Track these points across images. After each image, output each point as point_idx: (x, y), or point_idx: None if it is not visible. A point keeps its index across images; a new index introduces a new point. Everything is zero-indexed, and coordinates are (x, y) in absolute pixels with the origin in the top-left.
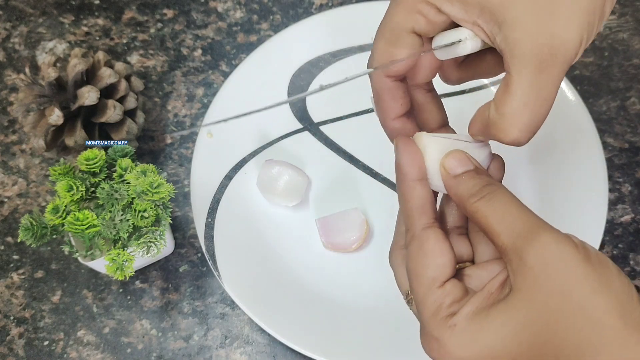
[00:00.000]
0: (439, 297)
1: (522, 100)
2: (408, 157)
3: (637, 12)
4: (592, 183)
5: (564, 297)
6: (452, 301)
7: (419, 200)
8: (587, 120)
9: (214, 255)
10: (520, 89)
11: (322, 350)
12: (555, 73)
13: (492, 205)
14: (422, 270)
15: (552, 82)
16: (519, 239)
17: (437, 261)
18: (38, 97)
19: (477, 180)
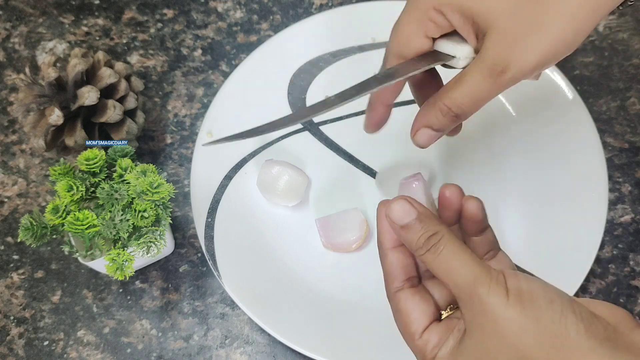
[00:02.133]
0: (422, 347)
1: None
2: (383, 227)
3: (637, 12)
4: (592, 183)
5: (499, 339)
6: (433, 346)
7: (390, 266)
8: (587, 120)
9: (214, 255)
10: (470, 80)
11: (322, 350)
12: (500, 83)
13: (437, 259)
14: (403, 328)
15: (493, 88)
16: (462, 291)
17: (411, 317)
18: (38, 97)
19: (422, 231)
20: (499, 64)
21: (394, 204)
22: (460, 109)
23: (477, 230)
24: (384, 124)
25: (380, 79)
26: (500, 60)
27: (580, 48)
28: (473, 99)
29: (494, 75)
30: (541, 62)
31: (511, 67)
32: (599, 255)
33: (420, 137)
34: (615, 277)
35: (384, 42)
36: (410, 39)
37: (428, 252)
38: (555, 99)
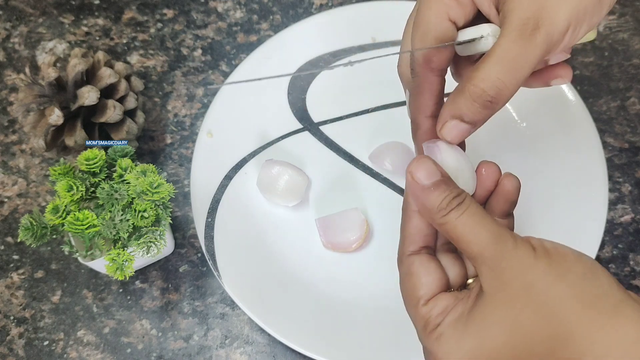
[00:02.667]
0: (425, 313)
1: (497, 59)
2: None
3: (637, 12)
4: (592, 183)
5: (527, 294)
6: (438, 314)
7: (413, 229)
8: (587, 120)
9: (214, 255)
10: (500, 49)
11: (322, 350)
12: (535, 44)
13: (460, 219)
14: (410, 292)
15: (529, 52)
16: (485, 249)
17: (421, 281)
18: (38, 97)
19: (445, 193)
20: (528, 22)
21: (420, 163)
22: (496, 87)
23: (505, 212)
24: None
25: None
26: (529, 18)
27: (580, 48)
28: (510, 70)
29: (526, 36)
30: (573, 16)
31: (544, 22)
32: (599, 255)
33: (448, 131)
34: (616, 277)
35: (384, 42)
36: (433, 22)
37: (452, 212)
38: (555, 99)
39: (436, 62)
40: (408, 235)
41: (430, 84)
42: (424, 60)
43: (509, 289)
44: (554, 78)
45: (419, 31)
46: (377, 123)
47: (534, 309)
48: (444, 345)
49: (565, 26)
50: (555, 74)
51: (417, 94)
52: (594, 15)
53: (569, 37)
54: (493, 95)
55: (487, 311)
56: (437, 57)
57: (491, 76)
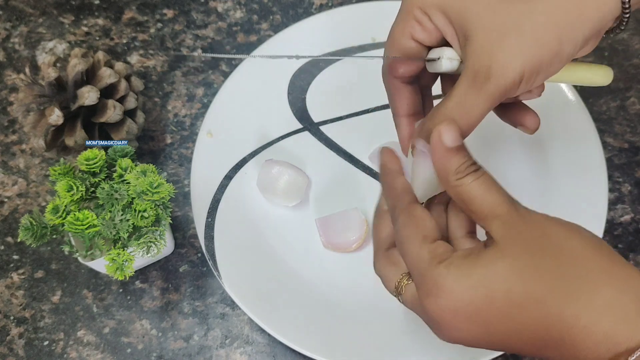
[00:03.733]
0: (432, 249)
1: (452, 103)
2: (389, 157)
3: (637, 12)
4: (592, 183)
5: (544, 241)
6: (445, 250)
7: (403, 185)
8: (587, 120)
9: (214, 255)
10: (457, 93)
11: (322, 350)
12: (485, 91)
13: (476, 181)
14: (414, 232)
15: (479, 98)
16: (498, 207)
17: (427, 224)
18: (38, 97)
19: (465, 159)
20: (481, 70)
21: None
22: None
23: None
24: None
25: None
26: (481, 66)
27: None
28: (462, 114)
29: (479, 83)
30: (526, 68)
31: (493, 73)
32: None
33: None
34: None
35: (384, 42)
36: (397, 39)
37: (468, 176)
38: (555, 99)
39: (400, 73)
40: (402, 189)
41: (397, 89)
42: (388, 69)
43: (524, 237)
44: (519, 124)
45: (387, 45)
46: (377, 123)
47: (551, 253)
48: (455, 272)
49: (517, 78)
50: (521, 121)
51: (389, 97)
52: (551, 66)
53: (524, 86)
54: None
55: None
56: (402, 69)
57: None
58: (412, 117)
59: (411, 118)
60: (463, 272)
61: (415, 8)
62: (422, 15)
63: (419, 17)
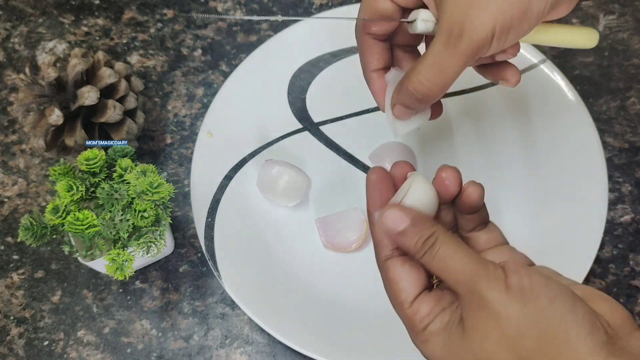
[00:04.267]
0: (411, 316)
1: (427, 62)
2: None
3: (637, 12)
4: (592, 183)
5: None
6: (423, 316)
7: (379, 234)
8: (587, 120)
9: (214, 255)
10: (431, 53)
11: (322, 350)
12: (458, 49)
13: (434, 259)
14: (392, 296)
15: (453, 56)
16: (460, 287)
17: (399, 286)
18: (38, 97)
19: (417, 236)
20: (454, 28)
21: (387, 213)
22: (425, 87)
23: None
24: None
25: None
26: (455, 24)
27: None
28: (436, 73)
29: (452, 42)
30: (498, 24)
31: (466, 30)
32: (599, 255)
33: (397, 111)
34: (615, 277)
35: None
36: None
37: (425, 255)
38: (555, 99)
39: (373, 31)
40: (377, 241)
41: (368, 46)
42: (362, 27)
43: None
44: (500, 78)
45: (362, 4)
46: (377, 123)
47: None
48: (430, 350)
49: (489, 34)
50: (502, 75)
51: (360, 53)
52: (521, 24)
53: (497, 44)
54: (423, 95)
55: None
56: (375, 27)
57: (421, 78)
58: (382, 72)
59: (381, 72)
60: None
61: None
62: None
63: None
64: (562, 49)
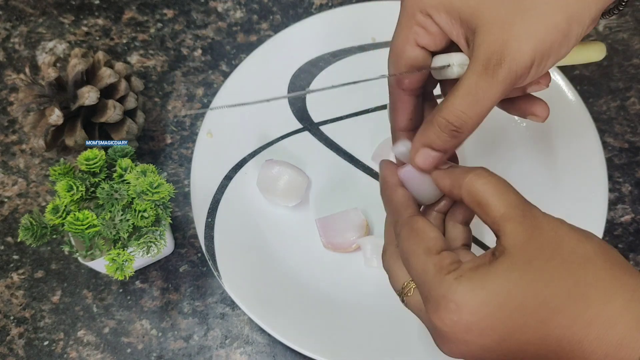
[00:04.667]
0: (439, 261)
1: (462, 92)
2: (389, 171)
3: (637, 12)
4: (592, 183)
5: (557, 246)
6: (451, 262)
7: (402, 197)
8: (587, 120)
9: (214, 255)
10: (465, 82)
11: (322, 350)
12: (497, 80)
13: (487, 181)
14: (418, 245)
15: (491, 87)
16: (514, 209)
17: (430, 235)
18: (38, 97)
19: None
20: (492, 57)
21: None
22: (460, 119)
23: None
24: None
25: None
26: (493, 53)
27: None
28: (473, 103)
29: (490, 71)
30: (537, 51)
31: (506, 58)
32: None
33: (420, 158)
34: None
35: (384, 42)
36: (402, 48)
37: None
38: (555, 99)
39: (407, 84)
40: (402, 203)
41: (402, 102)
42: (395, 82)
43: (537, 244)
44: (529, 114)
45: (391, 56)
46: (377, 123)
47: (563, 261)
48: (465, 285)
49: (529, 62)
50: (531, 110)
51: (392, 110)
52: (561, 48)
53: (535, 71)
54: (458, 126)
55: (514, 263)
56: (408, 80)
57: (455, 109)
58: (411, 133)
59: (410, 134)
60: (475, 284)
61: (417, 12)
62: (424, 19)
63: (422, 20)
64: None
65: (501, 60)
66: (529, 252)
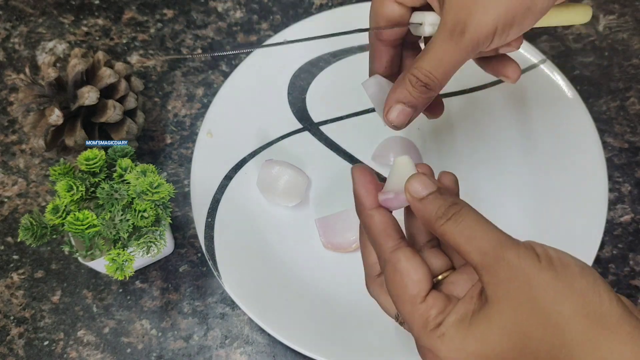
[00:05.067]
0: (424, 312)
1: (430, 55)
2: (363, 188)
3: (637, 12)
4: (592, 183)
5: (532, 306)
6: (437, 313)
7: (381, 225)
8: (587, 120)
9: (214, 255)
10: (432, 46)
11: (322, 350)
12: (460, 47)
13: (458, 227)
14: (402, 291)
15: (455, 52)
16: (486, 257)
17: (413, 278)
18: (38, 97)
19: (441, 202)
20: (458, 24)
21: (415, 176)
22: (428, 77)
23: None
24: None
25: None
26: (458, 21)
27: (580, 48)
28: (439, 64)
29: (455, 37)
30: (500, 22)
31: (469, 27)
32: (599, 255)
33: (393, 113)
34: (615, 277)
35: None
36: (381, 3)
37: (449, 220)
38: (555, 99)
39: (385, 37)
40: (381, 231)
41: (380, 52)
42: (375, 34)
43: (512, 299)
44: (501, 74)
45: (371, 11)
46: (377, 123)
47: (539, 320)
48: (448, 344)
49: (490, 31)
50: (503, 71)
51: (371, 57)
52: (524, 19)
53: (498, 40)
54: (427, 82)
55: (492, 316)
56: (385, 33)
57: (424, 67)
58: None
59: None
60: (456, 344)
61: None
62: None
63: None
64: (561, 48)
65: (464, 28)
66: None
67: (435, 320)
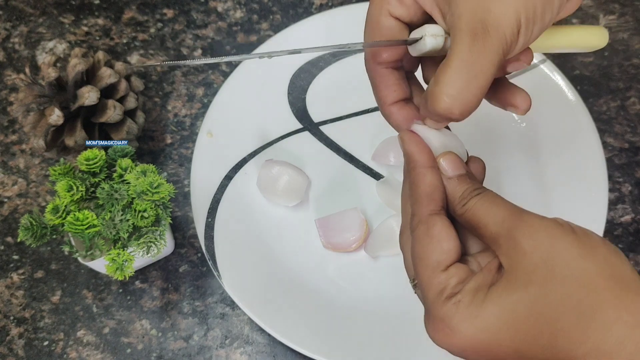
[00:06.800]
0: (444, 280)
1: (455, 69)
2: (417, 146)
3: (637, 12)
4: (592, 183)
5: (554, 266)
6: (457, 282)
7: (429, 187)
8: (587, 120)
9: (214, 255)
10: (456, 58)
11: (322, 350)
12: (488, 47)
13: (479, 202)
14: (428, 255)
15: (484, 56)
16: (505, 223)
17: (443, 246)
18: (38, 97)
19: (467, 185)
20: (478, 24)
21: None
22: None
23: None
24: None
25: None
26: (477, 21)
27: None
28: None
29: (479, 39)
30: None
31: (491, 23)
32: None
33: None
34: None
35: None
36: (376, 19)
37: (475, 197)
38: (555, 99)
39: (384, 58)
40: (427, 193)
41: (382, 77)
42: (372, 56)
43: (535, 264)
44: (509, 105)
45: (366, 28)
46: (377, 123)
47: (561, 283)
48: (462, 312)
49: (515, 26)
50: (511, 101)
51: (373, 87)
52: (545, 13)
53: (523, 39)
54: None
55: (511, 287)
56: (386, 53)
57: (449, 91)
58: (402, 104)
59: (401, 104)
60: (471, 312)
61: None
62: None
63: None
64: None
65: (486, 27)
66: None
67: (453, 289)
